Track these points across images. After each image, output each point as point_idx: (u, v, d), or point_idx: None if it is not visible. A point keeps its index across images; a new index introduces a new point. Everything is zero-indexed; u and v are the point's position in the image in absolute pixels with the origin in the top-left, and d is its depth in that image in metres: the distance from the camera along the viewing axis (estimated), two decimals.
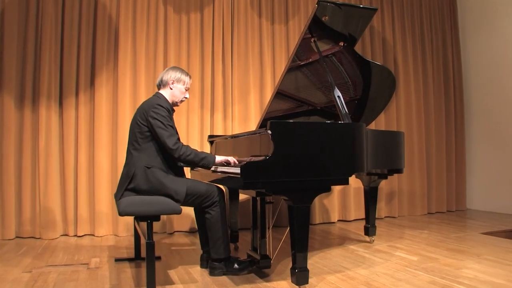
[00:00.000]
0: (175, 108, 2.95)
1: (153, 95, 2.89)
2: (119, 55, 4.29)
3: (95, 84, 4.25)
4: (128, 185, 2.66)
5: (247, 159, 2.75)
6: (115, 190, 4.00)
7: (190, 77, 2.95)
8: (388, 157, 3.34)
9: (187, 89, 2.93)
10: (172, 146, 2.62)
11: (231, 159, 2.79)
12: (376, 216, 4.74)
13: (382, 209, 5.21)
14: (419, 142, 5.45)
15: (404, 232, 4.27)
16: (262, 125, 3.55)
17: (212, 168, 2.87)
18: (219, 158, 2.77)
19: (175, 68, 2.94)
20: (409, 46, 5.45)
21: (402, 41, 5.45)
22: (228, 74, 4.62)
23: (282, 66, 4.77)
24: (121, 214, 2.50)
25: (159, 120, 2.66)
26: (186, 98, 2.93)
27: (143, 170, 2.65)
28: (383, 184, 5.20)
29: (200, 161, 2.69)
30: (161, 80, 2.89)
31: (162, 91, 2.89)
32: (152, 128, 2.67)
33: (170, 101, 2.87)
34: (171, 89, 2.88)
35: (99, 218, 4.17)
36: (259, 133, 2.65)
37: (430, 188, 5.52)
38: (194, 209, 3.02)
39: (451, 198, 5.66)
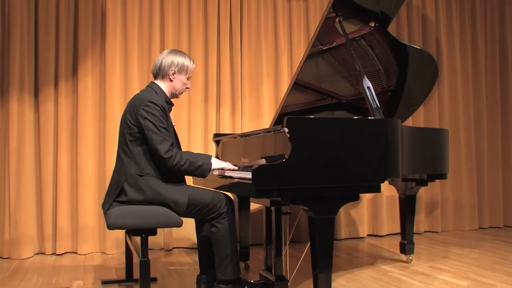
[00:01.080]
0: (174, 100, 2.98)
1: (147, 87, 2.90)
2: (107, 38, 4.36)
3: (78, 73, 4.33)
4: (117, 197, 2.71)
5: (259, 162, 2.81)
6: (103, 199, 4.07)
7: (193, 63, 2.96)
8: (429, 159, 3.36)
9: (189, 78, 2.95)
10: (164, 154, 2.64)
11: (228, 167, 2.81)
12: (414, 230, 4.76)
13: (421, 222, 5.22)
14: (467, 142, 5.41)
15: (449, 251, 4.28)
16: (278, 121, 3.59)
17: (216, 173, 2.93)
18: (215, 165, 2.79)
19: (176, 52, 2.91)
20: (455, 25, 5.39)
21: (447, 18, 5.40)
22: (237, 62, 4.68)
23: (301, 51, 4.82)
24: (111, 227, 2.56)
25: (151, 121, 2.67)
26: (187, 88, 2.97)
27: (135, 179, 2.69)
28: (423, 192, 5.21)
29: (195, 171, 2.71)
30: (159, 68, 2.88)
31: (159, 82, 2.89)
32: (142, 130, 2.69)
33: (168, 93, 2.90)
34: (171, 81, 2.89)
35: (83, 233, 4.24)
36: (274, 131, 2.70)
37: (481, 197, 5.49)
38: (195, 221, 3.06)
39: (509, 210, 5.58)
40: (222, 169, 2.82)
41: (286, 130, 2.38)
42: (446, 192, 5.34)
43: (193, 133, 4.52)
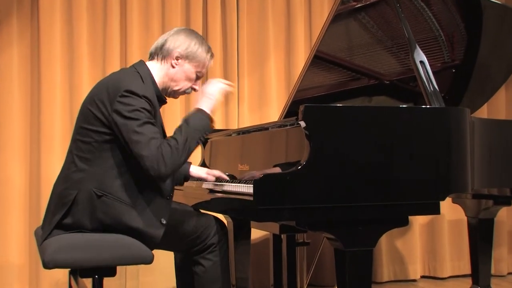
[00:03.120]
0: (168, 98, 2.96)
1: (131, 67, 2.87)
2: None
3: None
4: (62, 218, 2.69)
5: (264, 170, 2.85)
6: (36, 224, 4.09)
7: (212, 57, 2.94)
8: None
9: (200, 76, 2.92)
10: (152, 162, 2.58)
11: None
12: (493, 271, 4.74)
13: (503, 259, 5.23)
14: None
15: None
16: (290, 112, 3.61)
17: (206, 186, 2.96)
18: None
19: (191, 34, 2.91)
20: None
21: None
22: (232, 25, 4.71)
23: (324, 10, 4.84)
24: (48, 265, 2.54)
25: (130, 118, 2.61)
26: (194, 90, 2.93)
27: (89, 197, 2.67)
28: (504, 215, 5.21)
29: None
30: (161, 47, 2.86)
31: (152, 64, 2.87)
32: (118, 131, 2.65)
33: (162, 84, 2.87)
34: (172, 67, 2.86)
35: (6, 272, 4.25)
36: (285, 125, 2.72)
37: None
38: (175, 256, 3.09)
39: None
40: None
41: (303, 124, 2.40)
42: None
43: (170, 128, 4.47)
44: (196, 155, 4.32)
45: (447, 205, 4.51)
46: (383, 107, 2.55)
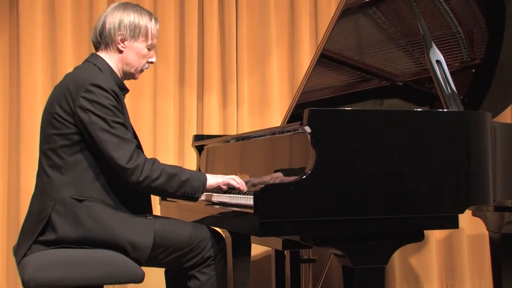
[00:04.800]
0: (128, 83, 3.00)
1: (85, 62, 2.93)
2: None
3: None
4: (40, 234, 2.70)
5: (266, 179, 2.84)
6: (14, 240, 4.08)
7: (156, 22, 2.97)
8: None
9: (152, 47, 2.97)
10: (125, 163, 2.63)
11: (236, 180, 2.85)
12: None
13: None
14: None
15: None
16: (294, 116, 3.61)
17: (203, 197, 2.94)
18: (213, 179, 2.83)
19: (126, 7, 2.92)
20: None
21: None
22: (230, 21, 4.71)
23: (331, 4, 4.85)
24: (28, 284, 2.54)
25: (98, 115, 2.65)
26: (151, 63, 3.00)
27: (69, 205, 2.68)
28: None
29: (179, 189, 2.73)
30: (100, 33, 2.90)
31: (103, 54, 2.92)
32: (85, 130, 2.69)
33: (119, 72, 2.92)
34: (120, 52, 2.90)
35: None
36: (289, 130, 2.71)
37: None
38: (166, 273, 3.07)
39: None
40: (228, 183, 2.85)
41: (308, 129, 2.40)
42: None
43: (161, 135, 4.54)
44: (191, 163, 4.33)
45: (466, 219, 4.50)
46: (396, 111, 2.54)
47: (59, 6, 4.44)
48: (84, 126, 2.67)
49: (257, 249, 4.40)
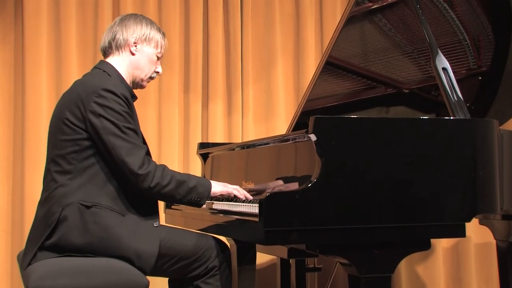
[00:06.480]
0: (137, 92, 3.00)
1: (94, 69, 2.93)
2: None
3: None
4: (47, 239, 2.69)
5: (271, 186, 2.84)
6: (19, 248, 4.08)
7: (164, 36, 3.01)
8: None
9: (160, 56, 2.99)
10: (137, 169, 2.65)
11: (240, 192, 2.86)
12: None
13: None
14: None
15: None
16: (300, 123, 3.62)
17: (205, 206, 2.95)
18: (218, 187, 2.84)
19: (138, 17, 2.97)
20: None
21: None
22: (236, 29, 4.72)
23: (336, 13, 4.85)
24: None
25: (110, 120, 2.66)
26: (158, 73, 3.01)
27: (77, 211, 2.68)
28: None
29: (186, 196, 2.74)
30: (113, 39, 2.92)
31: (112, 60, 2.93)
32: (96, 135, 2.69)
33: (128, 77, 2.93)
34: (132, 54, 2.92)
35: None
36: (294, 138, 2.72)
37: None
38: (170, 282, 3.07)
39: None
40: (231, 193, 2.86)
41: (313, 137, 2.40)
42: None
43: (165, 143, 4.55)
44: (196, 171, 4.33)
45: (473, 227, 4.48)
46: (402, 119, 2.54)
47: (64, 15, 4.45)
48: (96, 131, 2.68)
49: (262, 258, 4.38)
